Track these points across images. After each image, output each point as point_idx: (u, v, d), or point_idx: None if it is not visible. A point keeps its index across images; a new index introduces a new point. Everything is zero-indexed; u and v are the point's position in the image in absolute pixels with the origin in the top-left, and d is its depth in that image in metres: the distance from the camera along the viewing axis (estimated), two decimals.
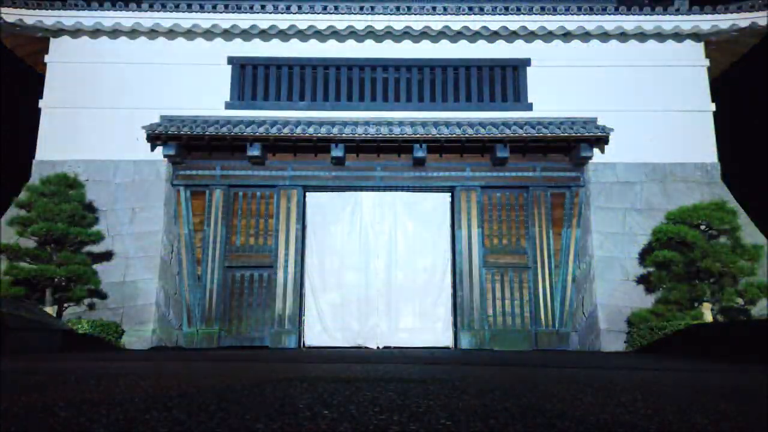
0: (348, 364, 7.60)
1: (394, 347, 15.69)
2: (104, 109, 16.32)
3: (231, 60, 16.85)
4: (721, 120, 16.65)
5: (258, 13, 16.30)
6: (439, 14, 16.36)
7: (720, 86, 18.00)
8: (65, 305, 14.05)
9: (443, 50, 17.00)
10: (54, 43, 16.72)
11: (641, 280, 15.02)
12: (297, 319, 15.61)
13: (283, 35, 16.85)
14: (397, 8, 16.39)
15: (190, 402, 3.39)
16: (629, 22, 16.29)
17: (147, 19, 16.22)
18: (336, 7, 16.34)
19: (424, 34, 16.85)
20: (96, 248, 14.77)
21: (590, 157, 15.84)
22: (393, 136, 15.45)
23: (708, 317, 13.40)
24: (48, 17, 16.12)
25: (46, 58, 16.72)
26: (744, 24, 16.10)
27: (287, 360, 8.78)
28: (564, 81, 16.68)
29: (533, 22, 16.36)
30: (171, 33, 16.76)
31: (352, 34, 16.80)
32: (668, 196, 15.81)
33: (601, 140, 15.74)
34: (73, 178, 14.69)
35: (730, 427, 2.83)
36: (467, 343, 15.26)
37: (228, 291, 15.78)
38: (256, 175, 16.24)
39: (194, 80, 16.62)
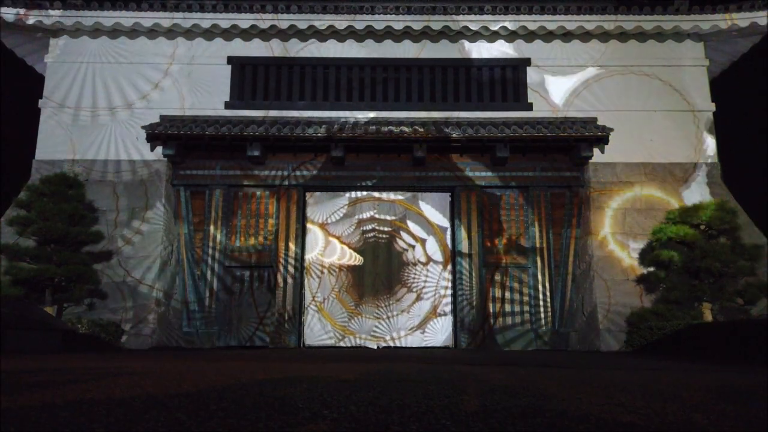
0: (348, 364, 7.60)
1: (394, 347, 15.70)
2: (104, 109, 16.33)
3: (231, 60, 16.84)
4: (721, 120, 16.65)
5: (258, 13, 16.31)
6: (439, 14, 16.36)
7: (720, 86, 18.00)
8: (65, 305, 14.05)
9: (443, 50, 16.99)
10: (54, 43, 16.72)
11: (641, 280, 15.02)
12: (297, 319, 15.61)
13: (283, 35, 16.85)
14: (397, 8, 16.39)
15: (190, 402, 3.39)
16: (629, 22, 16.29)
17: (147, 19, 16.22)
18: (336, 7, 16.34)
19: (424, 34, 16.85)
20: (96, 248, 14.76)
21: (590, 157, 15.83)
22: (393, 136, 15.45)
23: (708, 317, 13.40)
24: (48, 17, 16.13)
25: (46, 58, 16.72)
26: (744, 24, 16.10)
27: (287, 360, 8.78)
28: (564, 81, 16.68)
29: (533, 22, 16.36)
30: (171, 33, 16.76)
31: (352, 34, 16.80)
32: (668, 196, 15.81)
33: (601, 140, 15.73)
34: (73, 178, 14.70)
35: (730, 427, 2.83)
36: (467, 343, 15.26)
37: (228, 291, 15.77)
38: (256, 175, 16.24)
39: (194, 80, 16.62)
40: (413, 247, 16.54)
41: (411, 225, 16.65)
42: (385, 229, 16.60)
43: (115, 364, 7.10)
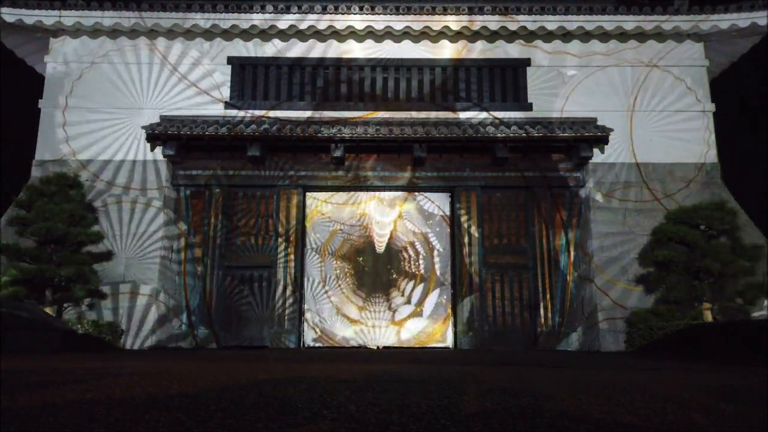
0: (348, 364, 7.61)
1: (394, 347, 15.70)
2: (104, 109, 16.33)
3: (231, 60, 16.84)
4: (721, 120, 16.65)
5: (258, 13, 16.30)
6: (439, 14, 16.36)
7: (720, 86, 18.00)
8: (65, 305, 14.05)
9: (443, 50, 16.99)
10: (54, 43, 16.72)
11: (641, 280, 15.01)
12: (297, 319, 15.61)
13: (283, 35, 16.85)
14: (397, 8, 16.38)
15: (190, 402, 3.39)
16: (629, 22, 16.29)
17: (147, 19, 16.22)
18: (336, 7, 16.34)
19: (424, 34, 16.84)
20: (96, 248, 14.76)
21: (590, 157, 15.83)
22: (393, 136, 15.45)
23: (708, 317, 13.40)
24: (48, 17, 16.12)
25: (46, 58, 16.72)
26: (744, 24, 16.10)
27: (287, 360, 8.79)
28: (564, 81, 16.68)
29: (533, 22, 16.36)
30: (171, 33, 16.75)
31: (352, 34, 16.80)
32: (668, 196, 15.81)
33: (601, 140, 15.73)
34: (73, 178, 14.69)
35: (730, 427, 2.84)
36: (467, 343, 15.26)
37: (228, 291, 15.76)
38: (256, 175, 16.23)
39: (194, 80, 16.62)
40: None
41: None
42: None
43: (115, 364, 7.10)
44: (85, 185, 15.09)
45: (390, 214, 16.68)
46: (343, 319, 16.14)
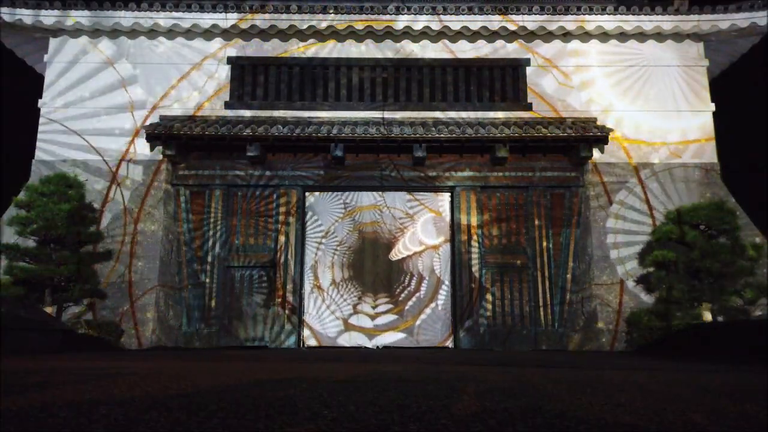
0: (348, 364, 7.61)
1: (394, 347, 15.70)
2: (104, 108, 16.33)
3: (231, 60, 16.85)
4: (721, 120, 16.65)
5: (258, 13, 16.31)
6: (440, 14, 16.37)
7: (720, 86, 18.00)
8: (65, 305, 14.05)
9: (443, 50, 17.00)
10: (54, 43, 16.72)
11: (641, 280, 15.02)
12: (297, 319, 15.61)
13: (283, 35, 16.85)
14: (397, 8, 16.39)
15: (190, 402, 3.39)
16: (629, 22, 16.29)
17: (147, 19, 16.22)
18: (336, 7, 16.34)
19: (424, 34, 16.85)
20: (96, 248, 14.76)
21: (590, 157, 15.83)
22: (393, 136, 15.44)
23: (708, 317, 13.40)
24: (48, 17, 16.13)
25: (46, 58, 16.72)
26: (744, 24, 16.10)
27: (287, 360, 8.79)
28: (563, 81, 16.68)
29: (533, 22, 16.37)
30: (171, 33, 16.76)
31: (352, 34, 16.80)
32: (668, 196, 15.82)
33: (600, 140, 15.72)
34: (73, 178, 14.69)
35: (730, 427, 2.83)
36: (467, 343, 15.26)
37: (228, 291, 15.77)
38: (256, 175, 16.24)
39: (194, 80, 16.62)
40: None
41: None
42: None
43: (115, 364, 7.10)
44: (85, 185, 15.09)
45: (389, 214, 16.61)
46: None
